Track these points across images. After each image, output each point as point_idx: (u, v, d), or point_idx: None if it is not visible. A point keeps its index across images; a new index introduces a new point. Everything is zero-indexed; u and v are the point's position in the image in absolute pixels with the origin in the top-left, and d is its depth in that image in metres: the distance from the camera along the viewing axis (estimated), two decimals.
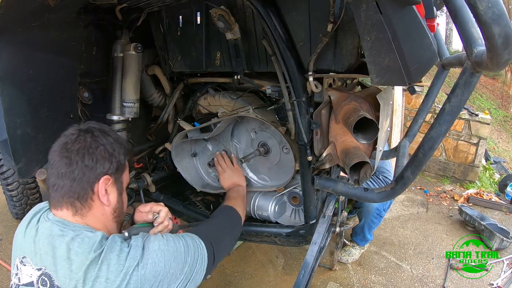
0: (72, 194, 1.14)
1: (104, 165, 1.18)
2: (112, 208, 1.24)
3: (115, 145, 1.24)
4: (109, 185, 1.21)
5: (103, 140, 1.20)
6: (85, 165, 1.14)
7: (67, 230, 1.10)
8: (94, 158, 1.16)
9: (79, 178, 1.14)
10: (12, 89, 1.52)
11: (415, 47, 1.11)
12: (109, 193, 1.22)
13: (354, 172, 1.59)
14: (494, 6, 0.74)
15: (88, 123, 1.26)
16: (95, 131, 1.21)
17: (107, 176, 1.19)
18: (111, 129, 1.32)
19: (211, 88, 2.25)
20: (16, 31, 1.44)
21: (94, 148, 1.17)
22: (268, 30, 1.53)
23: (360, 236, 3.41)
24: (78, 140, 1.16)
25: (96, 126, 1.25)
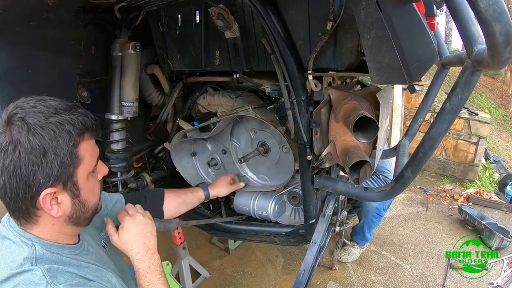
0: (13, 211, 1.01)
1: (37, 178, 0.95)
2: (67, 216, 1.06)
3: (48, 145, 0.95)
4: (56, 195, 1.00)
5: (26, 145, 0.92)
6: (15, 183, 0.94)
7: (10, 233, 1.04)
8: (22, 174, 0.93)
9: (14, 199, 0.96)
10: (10, 89, 1.52)
11: (415, 45, 1.10)
12: (60, 201, 1.02)
13: (354, 171, 1.58)
14: (495, 4, 0.73)
15: (12, 109, 0.96)
16: (14, 130, 0.93)
17: (48, 189, 0.97)
18: (44, 111, 0.97)
19: (210, 87, 2.24)
20: (15, 30, 1.44)
21: (18, 161, 0.92)
22: (267, 28, 1.53)
23: (360, 236, 3.41)
24: (8, 145, 0.92)
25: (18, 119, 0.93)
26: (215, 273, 3.24)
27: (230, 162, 2.33)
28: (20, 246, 1.01)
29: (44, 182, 0.96)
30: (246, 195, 2.22)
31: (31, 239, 1.03)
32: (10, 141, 0.92)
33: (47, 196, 0.97)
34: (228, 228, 2.25)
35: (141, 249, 1.26)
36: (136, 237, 1.27)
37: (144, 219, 1.33)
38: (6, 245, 1.03)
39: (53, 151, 0.95)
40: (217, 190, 2.08)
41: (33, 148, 0.92)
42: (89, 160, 1.07)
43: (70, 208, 1.06)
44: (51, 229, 1.06)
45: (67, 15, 1.64)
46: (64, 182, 1.01)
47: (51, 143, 0.95)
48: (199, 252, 3.47)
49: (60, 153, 0.96)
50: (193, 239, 3.66)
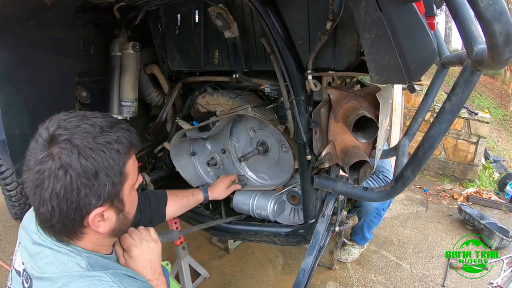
0: (58, 233, 0.98)
1: (89, 201, 0.93)
2: (111, 229, 1.05)
3: (99, 166, 0.92)
4: (103, 213, 0.99)
5: (77, 168, 0.89)
6: (65, 207, 0.91)
7: (47, 242, 1.00)
8: (73, 198, 0.90)
9: (62, 221, 0.93)
10: (9, 89, 1.52)
11: (415, 45, 1.10)
12: (106, 218, 1.01)
13: (354, 171, 1.58)
14: (495, 4, 0.73)
15: (54, 130, 0.91)
16: (63, 154, 0.88)
17: (97, 209, 0.96)
18: (90, 131, 0.93)
19: (209, 87, 2.24)
20: (13, 30, 1.44)
21: (69, 185, 0.89)
22: (266, 28, 1.52)
23: (360, 235, 3.41)
24: (44, 172, 0.89)
25: (63, 141, 0.89)
26: (215, 273, 3.23)
27: (230, 162, 2.33)
28: (69, 255, 0.98)
29: (95, 203, 0.94)
30: (245, 195, 2.22)
31: (75, 248, 1.01)
32: (60, 165, 0.88)
33: (96, 216, 0.97)
34: (227, 228, 2.24)
35: (149, 273, 1.26)
36: (144, 265, 1.26)
37: (150, 244, 1.30)
38: (47, 253, 0.99)
39: (104, 172, 0.93)
40: (216, 194, 2.10)
41: (85, 171, 0.90)
42: (133, 175, 1.06)
43: (115, 223, 1.05)
44: (93, 243, 1.05)
45: (66, 15, 1.63)
46: (112, 200, 0.99)
47: (103, 164, 0.92)
48: (198, 252, 3.47)
49: (111, 174, 0.94)
50: (193, 239, 3.65)
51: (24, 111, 1.59)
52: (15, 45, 1.48)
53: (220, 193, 2.11)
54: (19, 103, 1.57)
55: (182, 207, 1.94)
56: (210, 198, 2.07)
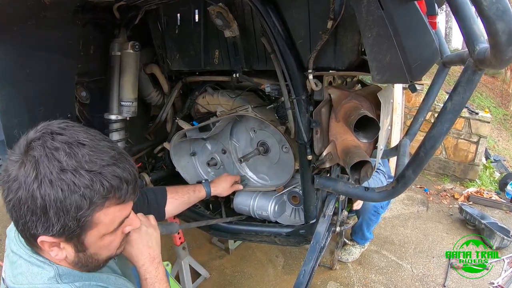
0: (20, 234, 0.95)
1: (35, 226, 0.85)
2: (71, 261, 0.97)
3: (56, 199, 0.82)
4: (58, 243, 0.90)
5: (33, 189, 0.81)
6: (14, 217, 0.87)
7: (21, 250, 0.97)
8: (20, 214, 0.84)
9: (15, 224, 0.89)
10: (8, 89, 1.51)
11: (417, 44, 1.09)
12: (62, 248, 0.92)
13: (355, 171, 1.57)
14: (498, 2, 0.72)
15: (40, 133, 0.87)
16: (26, 164, 0.83)
17: (46, 237, 0.87)
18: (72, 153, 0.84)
19: (209, 86, 2.23)
20: (12, 30, 1.43)
21: (17, 201, 0.83)
22: (267, 27, 1.52)
23: (360, 235, 3.41)
24: (7, 178, 0.85)
25: (38, 149, 0.83)
26: (215, 273, 3.23)
27: (230, 162, 2.32)
28: (39, 266, 0.94)
29: (42, 233, 0.86)
30: (246, 195, 2.21)
31: (46, 260, 0.96)
32: (16, 178, 0.83)
33: (44, 243, 0.89)
34: (228, 228, 2.24)
35: (147, 260, 1.23)
36: (141, 250, 1.22)
37: (148, 229, 1.25)
38: (20, 263, 0.96)
39: (54, 212, 0.82)
40: (219, 190, 2.08)
41: (34, 200, 0.81)
42: (107, 225, 0.94)
43: (74, 257, 0.96)
44: (60, 262, 0.98)
45: (66, 15, 1.63)
46: (67, 238, 0.89)
47: (55, 204, 0.82)
48: (199, 252, 3.46)
49: (63, 216, 0.83)
50: (193, 239, 3.65)
51: (24, 111, 1.59)
52: (14, 45, 1.47)
53: (223, 191, 2.10)
54: (18, 103, 1.56)
55: (182, 205, 1.91)
56: (212, 194, 2.05)
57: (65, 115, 1.80)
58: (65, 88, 1.80)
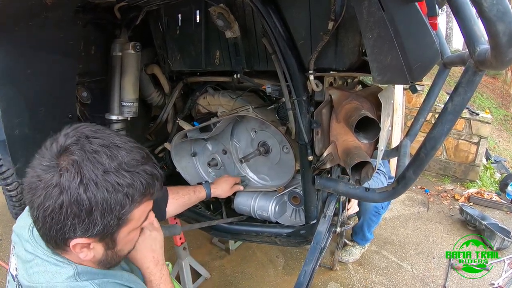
0: (48, 240, 0.94)
1: (74, 229, 0.86)
2: (96, 260, 1.00)
3: (103, 200, 0.85)
4: (89, 244, 0.93)
5: (74, 193, 0.83)
6: (48, 223, 0.87)
7: (38, 250, 0.97)
8: (59, 219, 0.85)
9: (44, 231, 0.90)
10: (9, 89, 1.51)
11: (418, 45, 1.10)
12: (92, 248, 0.94)
13: (355, 172, 1.57)
14: (499, 3, 0.73)
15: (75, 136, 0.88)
16: (66, 172, 0.83)
17: (81, 239, 0.89)
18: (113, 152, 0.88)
19: (210, 87, 2.24)
20: (13, 30, 1.43)
21: (58, 207, 0.84)
22: (268, 28, 1.52)
23: (360, 235, 3.41)
24: (41, 182, 0.85)
25: (77, 153, 0.85)
26: (216, 273, 3.23)
27: (231, 162, 2.32)
28: (57, 265, 0.95)
29: (80, 235, 0.88)
30: (246, 196, 2.21)
31: (65, 259, 0.97)
32: (58, 184, 0.83)
33: (78, 245, 0.91)
34: (228, 228, 2.24)
35: (151, 263, 1.24)
36: (145, 254, 1.23)
37: (152, 233, 1.25)
38: (37, 263, 0.96)
39: (100, 212, 0.86)
40: (219, 192, 2.08)
41: (80, 203, 0.83)
42: (138, 220, 0.99)
43: (101, 256, 0.99)
44: (81, 261, 0.99)
45: (67, 15, 1.63)
46: (101, 237, 0.93)
47: (101, 204, 0.85)
48: (199, 253, 3.46)
49: (107, 216, 0.87)
50: (194, 240, 3.65)
51: (24, 111, 1.59)
52: (15, 45, 1.47)
53: (224, 192, 2.10)
54: (19, 103, 1.56)
55: (183, 205, 1.91)
56: (212, 195, 2.06)
57: (66, 115, 1.80)
58: (66, 88, 1.80)
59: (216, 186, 2.07)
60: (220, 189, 2.08)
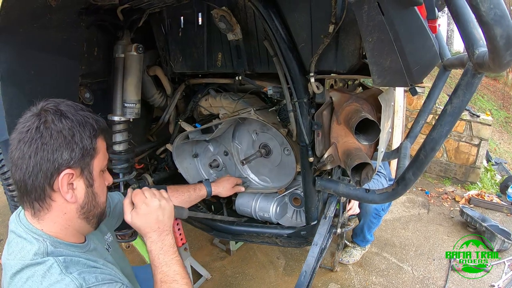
0: (29, 194, 1.04)
1: (62, 155, 1.02)
2: (79, 205, 1.10)
3: (76, 129, 1.05)
4: (73, 179, 1.06)
5: (58, 125, 1.02)
6: (40, 158, 1.00)
7: (19, 228, 1.07)
8: (49, 149, 1.00)
9: (34, 174, 1.01)
10: (13, 90, 1.53)
11: (417, 48, 1.11)
12: (75, 187, 1.08)
13: (356, 173, 1.58)
14: (496, 7, 0.74)
15: (46, 103, 1.07)
16: (48, 115, 1.03)
17: (68, 169, 1.04)
18: (74, 106, 1.11)
19: (212, 89, 2.25)
20: (17, 31, 1.44)
21: (48, 137, 1.01)
22: (269, 31, 1.53)
23: (361, 237, 3.41)
24: (30, 129, 1.01)
25: (52, 107, 1.05)
26: (216, 274, 3.23)
27: (232, 164, 2.33)
28: (31, 243, 1.03)
29: (67, 161, 1.03)
30: (247, 197, 2.23)
31: (41, 235, 1.05)
32: (44, 121, 1.02)
33: (65, 177, 1.04)
34: (229, 229, 2.25)
35: (155, 233, 1.28)
36: (150, 223, 1.29)
37: (161, 202, 1.33)
38: (17, 242, 1.05)
39: (79, 135, 1.05)
40: (220, 190, 2.09)
41: (64, 128, 1.03)
42: (103, 157, 1.16)
43: (83, 197, 1.11)
44: (62, 220, 1.09)
45: (70, 17, 1.64)
46: (82, 167, 1.08)
47: (79, 128, 1.06)
48: (200, 253, 3.47)
49: (84, 139, 1.06)
50: (195, 240, 3.66)
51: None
52: (20, 46, 1.49)
53: (225, 191, 2.12)
54: (22, 104, 1.57)
55: (183, 203, 1.91)
56: (213, 194, 2.07)
57: None
58: (69, 89, 1.81)
59: (218, 185, 2.09)
60: (222, 188, 2.10)
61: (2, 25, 1.36)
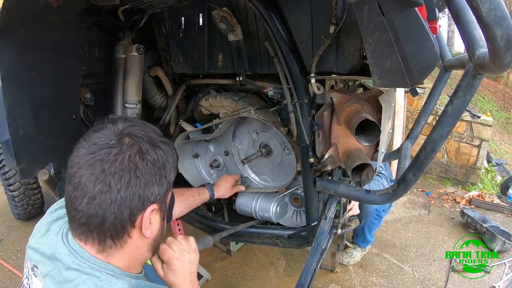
0: (105, 231, 0.90)
1: (154, 190, 0.92)
2: (153, 239, 1.03)
3: (167, 159, 0.96)
4: (153, 213, 0.97)
5: (152, 155, 0.92)
6: (130, 193, 0.88)
7: (84, 265, 0.91)
8: (142, 183, 0.89)
9: (119, 211, 0.88)
10: (14, 90, 1.53)
11: (418, 49, 1.11)
12: (152, 222, 0.97)
13: (356, 174, 1.58)
14: (496, 8, 0.74)
15: (127, 124, 0.95)
16: (142, 143, 0.91)
17: (154, 205, 0.95)
18: (154, 130, 1.00)
19: (213, 89, 2.25)
20: (18, 32, 1.45)
21: (143, 170, 0.89)
22: (270, 31, 1.54)
23: (361, 238, 3.41)
24: (121, 158, 0.87)
25: (139, 131, 0.94)
26: (217, 275, 3.23)
27: (233, 164, 2.34)
28: (109, 281, 0.91)
29: (156, 196, 0.94)
30: (248, 197, 2.23)
31: (114, 271, 0.94)
32: (138, 151, 0.90)
33: (150, 214, 0.95)
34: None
35: (188, 285, 1.22)
36: (184, 277, 1.21)
37: (191, 256, 1.25)
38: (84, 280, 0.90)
39: (169, 165, 0.97)
40: (222, 192, 2.09)
41: (158, 160, 0.93)
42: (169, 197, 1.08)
43: (157, 231, 1.03)
44: (132, 255, 0.99)
45: (71, 17, 1.65)
46: (161, 201, 0.98)
47: (168, 158, 0.97)
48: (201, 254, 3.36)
49: (171, 172, 0.98)
50: None
51: (29, 112, 1.61)
52: (21, 47, 1.49)
53: (226, 191, 2.11)
54: (24, 104, 1.58)
55: (188, 207, 1.92)
56: (215, 197, 2.07)
57: (69, 116, 1.82)
58: (70, 89, 1.82)
59: (218, 187, 2.09)
60: (223, 189, 2.09)
61: (3, 26, 1.37)
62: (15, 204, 3.60)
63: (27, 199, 3.60)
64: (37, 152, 1.69)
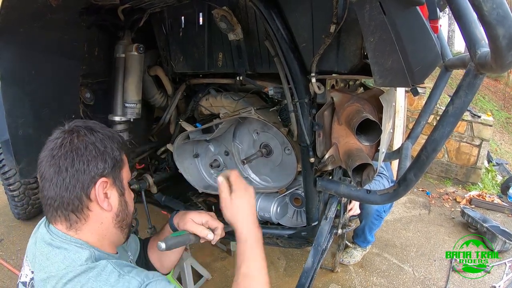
0: (66, 206, 1.06)
1: (97, 165, 1.08)
2: (115, 213, 1.15)
3: (106, 141, 1.13)
4: (107, 187, 1.12)
5: (90, 138, 1.09)
6: (76, 170, 1.05)
7: (56, 240, 1.05)
8: (85, 159, 1.06)
9: (71, 186, 1.05)
10: (13, 90, 1.53)
11: (419, 48, 1.10)
12: (109, 196, 1.13)
13: (357, 173, 1.58)
14: (498, 7, 0.73)
15: (73, 122, 1.14)
16: (80, 130, 1.10)
17: (103, 178, 1.09)
18: (99, 124, 1.19)
19: (213, 89, 2.24)
20: (18, 32, 1.44)
21: (83, 149, 1.06)
22: (270, 31, 1.53)
23: (362, 238, 3.41)
24: (64, 143, 1.06)
25: (81, 124, 1.13)
26: (217, 274, 3.23)
27: (233, 164, 2.33)
28: (76, 251, 1.03)
29: (101, 171, 1.09)
30: None
31: (83, 244, 1.06)
32: (77, 135, 1.08)
33: (101, 185, 1.09)
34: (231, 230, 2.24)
35: (251, 220, 1.33)
36: (249, 207, 1.36)
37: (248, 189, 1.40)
38: (56, 253, 1.04)
39: (110, 146, 1.13)
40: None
41: (96, 140, 1.10)
42: (127, 170, 1.23)
43: (117, 206, 1.16)
44: (99, 229, 1.12)
45: (71, 17, 1.64)
46: (113, 177, 1.14)
47: (109, 140, 1.13)
48: (201, 254, 3.47)
49: (114, 151, 1.14)
50: None
51: (29, 112, 1.60)
52: (20, 46, 1.49)
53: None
54: (23, 104, 1.58)
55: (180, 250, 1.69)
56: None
57: (69, 116, 1.81)
58: (70, 89, 1.82)
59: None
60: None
61: (3, 25, 1.36)
62: (15, 204, 3.60)
63: (27, 199, 3.59)
64: (36, 152, 1.67)
